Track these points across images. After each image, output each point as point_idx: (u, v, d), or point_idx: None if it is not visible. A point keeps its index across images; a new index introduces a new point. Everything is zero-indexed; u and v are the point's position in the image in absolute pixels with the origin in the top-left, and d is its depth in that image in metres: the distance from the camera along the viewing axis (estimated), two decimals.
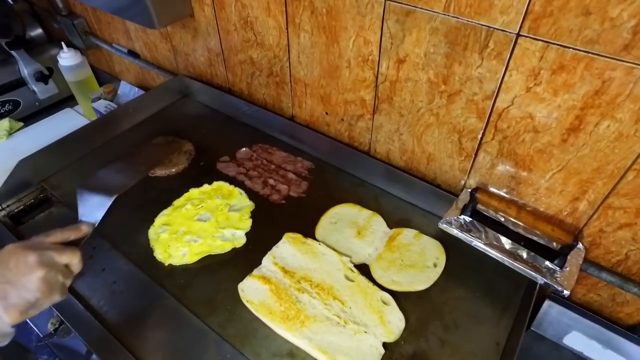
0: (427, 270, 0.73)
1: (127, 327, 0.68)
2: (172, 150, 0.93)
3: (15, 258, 0.52)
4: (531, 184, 0.72)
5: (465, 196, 0.79)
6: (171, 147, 0.96)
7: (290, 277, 0.70)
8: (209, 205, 0.83)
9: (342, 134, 0.94)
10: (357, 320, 0.65)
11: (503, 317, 0.69)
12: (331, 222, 0.80)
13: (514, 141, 0.69)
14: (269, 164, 0.93)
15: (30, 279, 0.52)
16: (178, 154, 0.95)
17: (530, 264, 0.69)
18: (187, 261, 0.75)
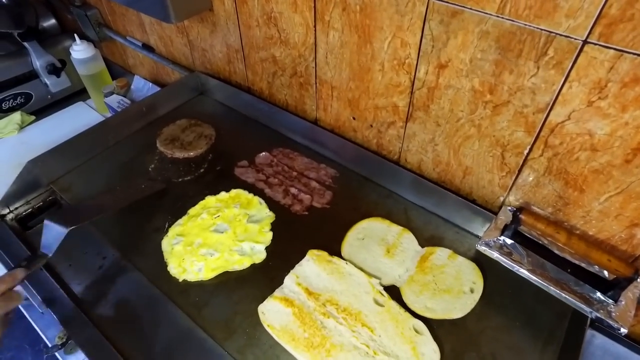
0: (464, 296, 0.66)
1: (137, 347, 0.63)
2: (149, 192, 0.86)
3: None
4: (581, 206, 0.65)
5: (505, 215, 0.72)
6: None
7: (314, 299, 0.64)
8: (226, 215, 0.78)
9: (369, 141, 0.88)
10: (387, 351, 0.59)
11: (545, 351, 0.63)
12: (358, 238, 0.74)
13: (566, 159, 0.62)
14: (291, 170, 0.87)
15: None
16: (198, 137, 0.91)
17: (579, 294, 0.63)
18: (203, 277, 0.70)
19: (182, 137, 0.92)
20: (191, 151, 0.89)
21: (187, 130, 0.94)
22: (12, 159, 1.14)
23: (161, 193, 0.84)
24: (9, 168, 1.00)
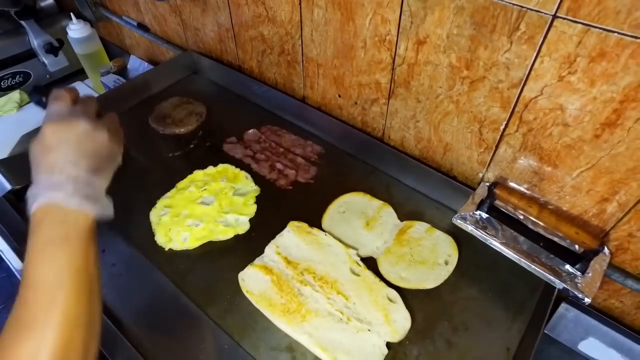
0: (438, 267, 0.69)
1: (124, 312, 0.66)
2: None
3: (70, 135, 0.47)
4: (555, 181, 0.67)
5: (482, 190, 0.74)
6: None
7: (293, 268, 0.66)
8: (213, 188, 0.80)
9: (354, 119, 0.90)
10: (360, 317, 0.62)
11: (516, 321, 0.65)
12: (339, 212, 0.76)
13: (540, 134, 0.64)
14: (278, 147, 0.89)
15: (97, 143, 0.50)
16: (189, 114, 0.94)
17: (549, 266, 0.65)
18: (188, 246, 0.72)
19: (174, 115, 0.95)
20: (182, 127, 0.92)
21: (178, 108, 0.96)
22: (10, 136, 1.16)
23: None
24: (7, 145, 1.03)
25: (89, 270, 0.44)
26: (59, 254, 0.43)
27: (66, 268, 0.42)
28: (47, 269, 0.42)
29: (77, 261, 0.43)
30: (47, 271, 0.42)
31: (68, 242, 0.43)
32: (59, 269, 0.42)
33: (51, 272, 0.42)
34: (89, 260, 0.45)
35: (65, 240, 0.43)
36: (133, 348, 0.61)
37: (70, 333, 0.40)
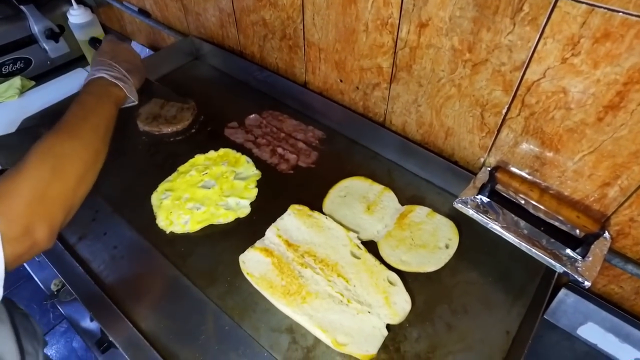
0: (439, 251, 0.69)
1: (126, 293, 0.66)
2: None
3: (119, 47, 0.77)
4: (557, 166, 0.66)
5: (483, 175, 0.74)
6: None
7: (293, 250, 0.67)
8: (214, 172, 0.80)
9: (356, 103, 0.89)
10: (360, 300, 0.62)
11: (515, 304, 0.65)
12: (340, 196, 0.76)
13: (542, 118, 0.63)
14: (279, 132, 0.89)
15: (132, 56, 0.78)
16: (180, 110, 0.93)
17: (549, 251, 0.65)
18: (189, 229, 0.72)
19: (163, 113, 0.94)
20: (177, 124, 0.91)
21: (166, 106, 0.95)
22: (12, 122, 1.16)
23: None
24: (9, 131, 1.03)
25: (109, 125, 0.62)
26: (95, 102, 0.63)
27: (97, 113, 0.61)
28: (86, 106, 0.61)
29: (105, 113, 0.62)
30: (85, 107, 0.61)
31: (103, 98, 0.64)
32: (92, 110, 0.61)
33: (87, 109, 0.60)
34: (111, 119, 0.63)
35: (102, 97, 0.65)
36: (135, 329, 0.61)
37: (95, 149, 0.57)
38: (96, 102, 0.63)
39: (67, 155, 0.53)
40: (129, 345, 0.61)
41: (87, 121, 0.58)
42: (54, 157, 0.51)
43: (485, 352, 0.60)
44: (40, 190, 0.48)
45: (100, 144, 0.59)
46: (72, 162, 0.53)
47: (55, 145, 0.53)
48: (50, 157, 0.51)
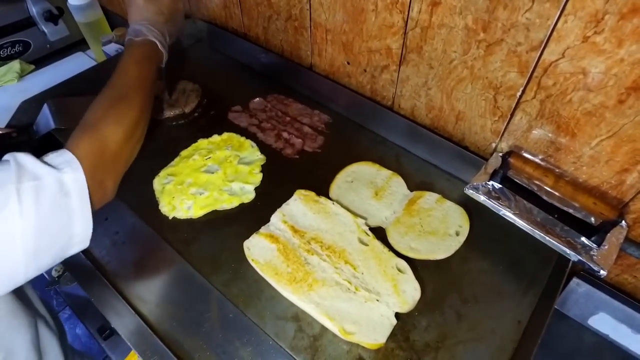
0: (449, 238, 0.67)
1: (127, 280, 0.65)
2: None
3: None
4: (572, 151, 0.64)
5: (495, 160, 0.71)
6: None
7: (300, 236, 0.65)
8: (218, 157, 0.78)
9: (364, 87, 0.87)
10: (369, 287, 0.60)
11: (527, 294, 0.64)
12: (347, 181, 0.74)
13: (559, 101, 0.61)
14: (284, 116, 0.87)
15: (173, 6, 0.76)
16: (182, 93, 0.91)
17: (563, 238, 0.63)
18: (192, 215, 0.71)
19: (166, 97, 0.91)
20: (185, 107, 0.88)
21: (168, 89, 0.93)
22: (12, 106, 1.14)
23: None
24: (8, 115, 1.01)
25: (152, 87, 0.68)
26: (140, 67, 0.66)
27: (143, 77, 0.66)
28: (134, 72, 0.65)
29: (150, 76, 0.68)
30: (134, 73, 0.65)
31: (146, 63, 0.68)
32: (137, 72, 0.65)
33: (135, 75, 0.65)
34: (154, 80, 0.69)
35: (145, 61, 0.68)
36: (137, 316, 0.60)
37: (135, 117, 0.60)
38: (141, 67, 0.67)
39: (130, 121, 0.59)
40: (132, 333, 0.60)
41: (139, 86, 0.64)
42: (125, 120, 0.58)
43: (496, 342, 0.59)
44: (114, 150, 0.56)
45: (149, 105, 0.66)
46: (135, 125, 0.60)
47: (121, 112, 0.59)
48: (123, 119, 0.58)
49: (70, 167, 0.49)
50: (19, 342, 0.60)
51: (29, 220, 0.44)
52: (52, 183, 0.47)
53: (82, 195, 0.49)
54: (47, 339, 0.66)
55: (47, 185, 0.46)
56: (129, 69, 0.65)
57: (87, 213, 0.50)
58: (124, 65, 0.66)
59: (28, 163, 0.47)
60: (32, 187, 0.45)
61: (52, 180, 0.47)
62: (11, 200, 0.43)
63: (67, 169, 0.49)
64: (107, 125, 0.56)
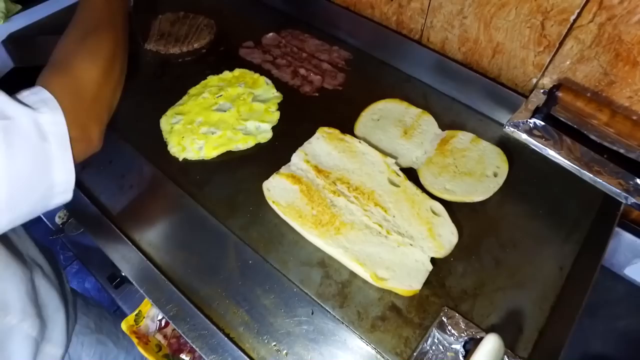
0: (486, 179, 0.61)
1: (136, 225, 0.60)
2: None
3: None
4: (630, 84, 0.58)
5: (537, 98, 0.65)
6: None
7: (324, 177, 0.59)
8: (230, 94, 0.71)
9: (389, 19, 0.78)
10: (401, 231, 0.55)
11: (569, 240, 0.59)
12: (373, 119, 0.68)
13: (623, 23, 0.54)
14: (300, 52, 0.79)
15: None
16: (192, 28, 0.83)
17: (614, 179, 0.57)
18: (204, 156, 0.65)
19: (174, 31, 0.83)
20: (194, 44, 0.81)
21: (177, 24, 0.85)
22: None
23: None
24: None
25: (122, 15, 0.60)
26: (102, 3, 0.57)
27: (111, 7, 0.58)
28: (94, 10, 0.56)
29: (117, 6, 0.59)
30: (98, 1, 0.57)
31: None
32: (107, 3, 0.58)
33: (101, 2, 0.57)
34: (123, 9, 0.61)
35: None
36: (149, 262, 0.55)
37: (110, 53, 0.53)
38: (107, 3, 0.58)
39: (104, 56, 0.52)
40: (143, 279, 0.55)
41: (109, 19, 0.57)
42: (99, 55, 0.52)
43: (538, 288, 0.55)
44: (93, 90, 0.49)
45: (124, 40, 0.58)
46: (110, 61, 0.53)
47: (94, 47, 0.52)
48: (96, 55, 0.51)
49: (47, 107, 0.43)
50: (12, 294, 0.55)
51: (1, 163, 0.38)
52: (27, 123, 0.41)
53: (62, 140, 0.44)
54: (45, 290, 0.62)
55: (20, 126, 0.40)
56: (96, 3, 0.58)
57: (68, 160, 0.44)
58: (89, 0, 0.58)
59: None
60: (1, 127, 0.39)
61: (26, 121, 0.41)
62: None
63: (44, 109, 0.43)
64: (81, 62, 0.50)
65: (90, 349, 0.73)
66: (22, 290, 0.57)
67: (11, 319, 0.55)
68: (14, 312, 0.55)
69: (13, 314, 0.55)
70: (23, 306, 0.57)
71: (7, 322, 0.55)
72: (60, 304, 0.64)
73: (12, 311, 0.55)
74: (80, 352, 0.71)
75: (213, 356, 0.50)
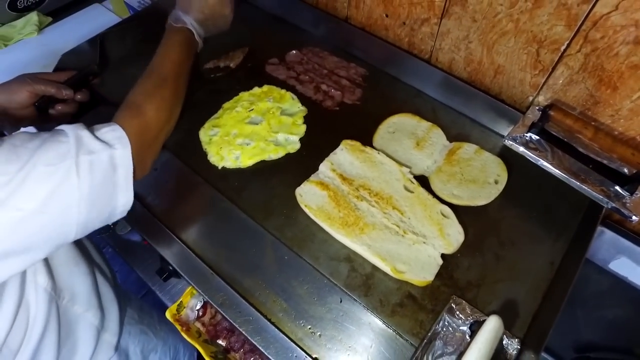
0: (488, 186, 0.71)
1: (182, 225, 0.68)
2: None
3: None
4: (612, 105, 0.67)
5: (533, 114, 0.74)
6: None
7: (348, 184, 0.68)
8: (260, 108, 0.80)
9: (401, 40, 0.87)
10: (415, 231, 0.65)
11: (559, 239, 0.68)
12: (389, 132, 0.77)
13: (605, 54, 0.63)
14: (321, 68, 0.88)
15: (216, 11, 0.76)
16: (233, 49, 0.92)
17: (598, 187, 0.67)
18: (241, 164, 0.74)
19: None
20: (230, 62, 0.89)
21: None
22: (36, 60, 1.13)
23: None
24: (35, 68, 1.01)
25: (188, 67, 0.70)
26: (177, 50, 0.69)
27: (180, 61, 0.68)
28: (175, 58, 0.68)
29: (186, 59, 0.70)
30: (175, 59, 0.68)
31: (186, 45, 0.71)
32: (177, 58, 0.68)
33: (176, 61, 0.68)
34: (190, 62, 0.71)
35: (185, 44, 0.71)
36: (198, 258, 0.64)
37: (174, 102, 0.65)
38: (180, 51, 0.69)
39: (170, 105, 0.64)
40: (193, 273, 0.64)
41: (178, 74, 0.67)
42: (166, 104, 0.62)
43: (532, 280, 0.64)
44: (155, 131, 0.60)
45: (185, 89, 0.69)
46: (173, 109, 0.65)
47: (164, 95, 0.63)
48: (164, 103, 0.62)
49: (120, 144, 0.52)
50: (80, 287, 0.64)
51: (84, 191, 0.47)
52: (105, 158, 0.50)
53: (128, 171, 0.52)
54: (103, 284, 0.71)
55: (101, 160, 0.49)
56: (170, 53, 0.68)
57: (130, 187, 0.53)
58: (166, 48, 0.68)
59: (85, 137, 0.49)
60: (88, 161, 0.48)
61: (105, 156, 0.50)
62: (71, 174, 0.46)
63: (118, 145, 0.51)
64: (151, 109, 0.59)
65: (135, 338, 0.81)
66: (87, 284, 0.66)
67: (78, 308, 0.64)
68: (80, 302, 0.64)
69: (80, 304, 0.64)
70: (88, 298, 0.66)
71: (74, 311, 0.64)
72: (114, 296, 0.73)
73: (79, 302, 0.64)
74: (127, 340, 0.79)
75: (258, 338, 0.59)
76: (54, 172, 0.45)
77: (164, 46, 0.68)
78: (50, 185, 0.44)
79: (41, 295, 0.55)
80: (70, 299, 0.62)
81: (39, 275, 0.56)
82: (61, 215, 0.46)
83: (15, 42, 1.21)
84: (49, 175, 0.45)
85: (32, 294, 0.54)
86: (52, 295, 0.58)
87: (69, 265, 0.63)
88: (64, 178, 0.45)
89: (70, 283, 0.62)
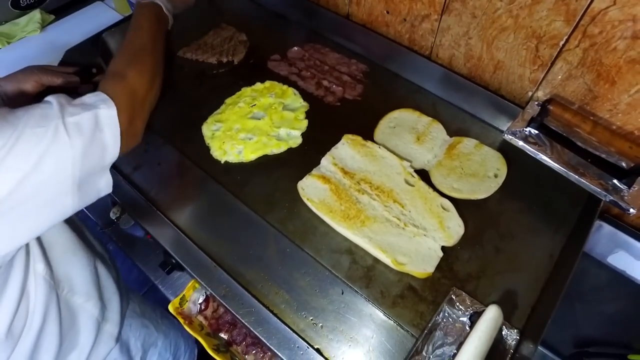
0: (488, 180, 0.71)
1: (186, 220, 0.69)
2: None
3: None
4: (610, 99, 0.67)
5: (532, 109, 0.75)
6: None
7: (350, 178, 0.69)
8: (262, 104, 0.81)
9: (402, 36, 0.88)
10: (416, 224, 0.65)
11: (558, 232, 0.69)
12: (390, 127, 0.78)
13: (603, 49, 0.63)
14: (322, 64, 0.89)
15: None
16: (235, 43, 0.92)
17: (596, 180, 0.67)
18: (244, 159, 0.75)
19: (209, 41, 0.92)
20: (231, 57, 0.90)
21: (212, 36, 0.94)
22: (39, 57, 1.14)
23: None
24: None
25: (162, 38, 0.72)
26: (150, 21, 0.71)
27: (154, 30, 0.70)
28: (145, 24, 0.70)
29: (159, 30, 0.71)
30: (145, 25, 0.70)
31: (156, 17, 0.72)
32: (151, 27, 0.70)
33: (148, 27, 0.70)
34: (163, 33, 0.73)
35: (155, 16, 0.72)
36: (201, 250, 0.65)
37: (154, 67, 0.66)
38: (152, 24, 0.71)
39: (154, 71, 0.65)
40: (196, 265, 0.64)
41: (154, 42, 0.69)
42: (146, 69, 0.63)
43: (531, 272, 0.65)
44: (141, 95, 0.60)
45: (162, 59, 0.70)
46: (154, 74, 0.65)
47: (144, 60, 0.65)
48: (145, 69, 0.63)
49: (105, 104, 0.53)
50: (79, 277, 0.65)
51: (77, 150, 0.48)
52: (91, 116, 0.50)
53: (114, 131, 0.53)
54: (104, 277, 0.71)
55: (87, 119, 0.50)
56: (144, 25, 0.70)
57: (117, 149, 0.54)
58: (138, 22, 0.70)
59: (68, 102, 0.50)
60: (74, 122, 0.48)
61: (90, 114, 0.50)
62: (60, 133, 0.47)
63: (102, 106, 0.52)
64: (134, 74, 0.60)
65: (136, 330, 0.82)
66: (86, 275, 0.66)
67: (77, 298, 0.65)
68: (79, 292, 0.65)
69: (79, 294, 0.65)
70: (87, 289, 0.66)
71: (74, 301, 0.64)
72: (116, 288, 0.74)
73: (78, 292, 0.65)
74: (128, 332, 0.80)
75: (260, 329, 0.60)
76: (43, 133, 0.46)
77: (136, 21, 0.70)
78: (43, 145, 0.45)
79: (40, 283, 0.56)
80: (69, 289, 0.63)
81: (37, 263, 0.57)
82: (56, 174, 0.47)
83: (18, 40, 1.22)
84: (40, 136, 0.45)
85: (31, 281, 0.55)
86: (51, 284, 0.58)
87: (66, 255, 0.63)
88: (54, 137, 0.46)
89: (68, 272, 0.63)
